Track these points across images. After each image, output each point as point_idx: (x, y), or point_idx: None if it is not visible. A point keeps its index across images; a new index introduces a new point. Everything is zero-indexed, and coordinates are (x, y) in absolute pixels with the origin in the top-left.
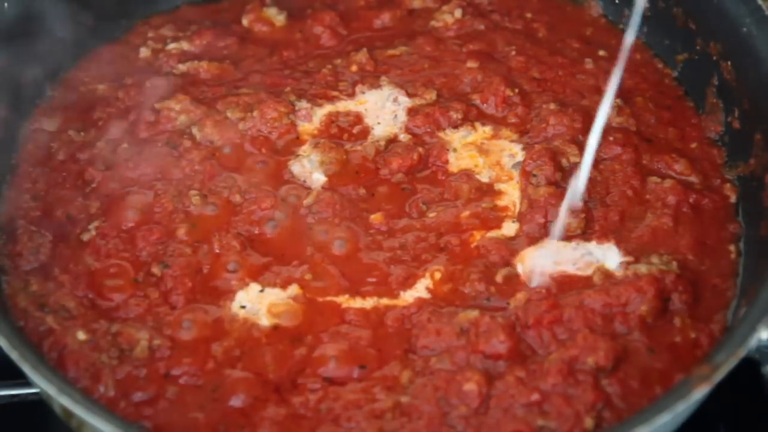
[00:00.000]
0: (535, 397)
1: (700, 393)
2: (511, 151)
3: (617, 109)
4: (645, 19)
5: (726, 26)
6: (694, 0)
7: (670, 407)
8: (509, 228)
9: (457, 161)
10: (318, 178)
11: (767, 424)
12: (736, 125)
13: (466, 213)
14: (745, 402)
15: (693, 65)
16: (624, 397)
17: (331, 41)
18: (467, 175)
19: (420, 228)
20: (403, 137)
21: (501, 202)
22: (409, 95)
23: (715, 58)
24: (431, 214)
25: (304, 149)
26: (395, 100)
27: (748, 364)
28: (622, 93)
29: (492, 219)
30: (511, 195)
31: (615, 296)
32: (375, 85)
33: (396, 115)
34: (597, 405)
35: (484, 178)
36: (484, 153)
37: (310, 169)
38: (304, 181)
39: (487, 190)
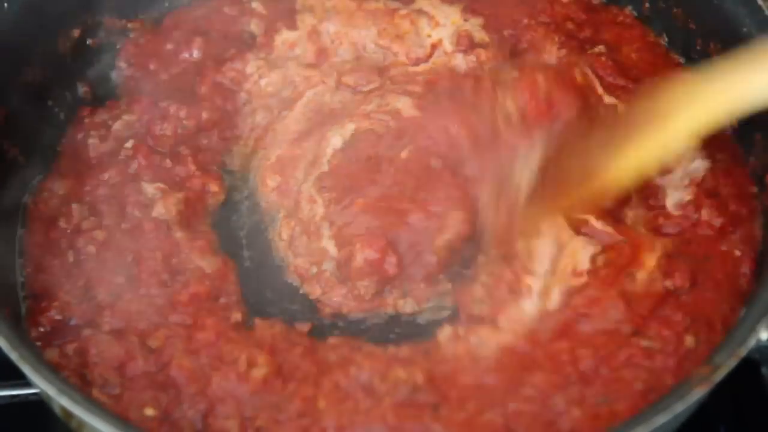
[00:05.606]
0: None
1: (699, 393)
2: None
3: None
4: (645, 18)
5: (726, 26)
6: (694, 0)
7: (670, 408)
8: None
9: None
10: None
11: (767, 424)
12: (736, 125)
13: None
14: (745, 402)
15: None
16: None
17: None
18: None
19: None
20: None
21: None
22: None
23: (715, 58)
24: None
25: None
26: None
27: (748, 364)
28: None
29: None
30: None
31: None
32: None
33: None
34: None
35: None
36: None
37: None
38: None
39: None
